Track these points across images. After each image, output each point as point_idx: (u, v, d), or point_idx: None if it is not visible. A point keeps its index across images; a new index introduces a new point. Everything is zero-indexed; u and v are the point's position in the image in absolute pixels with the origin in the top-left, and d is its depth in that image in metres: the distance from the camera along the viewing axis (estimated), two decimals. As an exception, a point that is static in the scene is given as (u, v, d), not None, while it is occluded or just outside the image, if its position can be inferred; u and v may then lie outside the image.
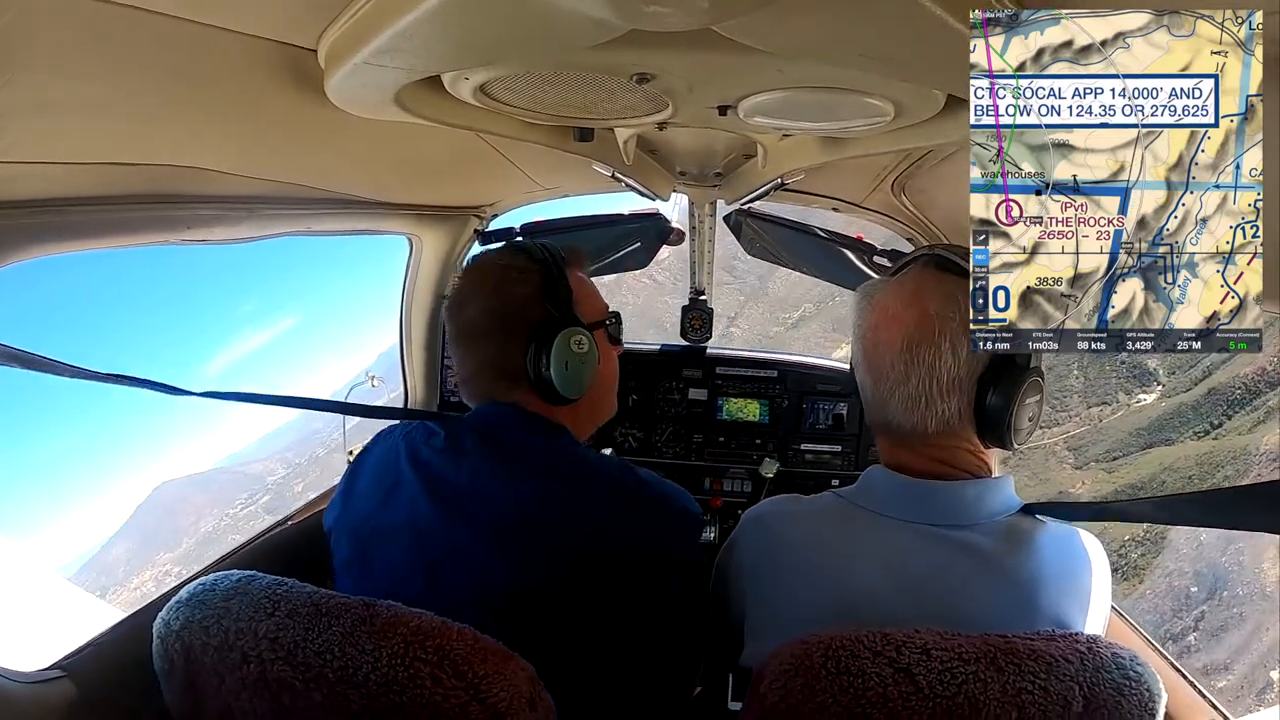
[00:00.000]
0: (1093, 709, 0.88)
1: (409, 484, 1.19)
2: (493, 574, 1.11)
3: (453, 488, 1.17)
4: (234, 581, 0.98)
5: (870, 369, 1.14)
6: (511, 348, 1.23)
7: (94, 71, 0.87)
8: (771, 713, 0.89)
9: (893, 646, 0.88)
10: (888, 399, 1.12)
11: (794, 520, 1.17)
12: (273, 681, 0.90)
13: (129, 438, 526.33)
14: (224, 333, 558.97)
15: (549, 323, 1.23)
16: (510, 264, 1.28)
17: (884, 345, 1.11)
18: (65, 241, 1.10)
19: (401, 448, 1.25)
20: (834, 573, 1.07)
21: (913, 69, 0.89)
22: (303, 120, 1.17)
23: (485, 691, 0.87)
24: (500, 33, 0.82)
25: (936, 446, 1.12)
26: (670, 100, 1.15)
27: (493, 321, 1.25)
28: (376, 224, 1.91)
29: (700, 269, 2.79)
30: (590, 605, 1.12)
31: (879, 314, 1.14)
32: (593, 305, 1.36)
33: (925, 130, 1.19)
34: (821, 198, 2.27)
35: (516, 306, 1.24)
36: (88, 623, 1.36)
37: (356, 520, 1.22)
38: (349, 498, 1.27)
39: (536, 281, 1.26)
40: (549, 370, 1.21)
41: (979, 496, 1.09)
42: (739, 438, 2.72)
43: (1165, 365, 33.20)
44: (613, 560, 1.15)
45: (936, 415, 1.08)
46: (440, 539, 1.14)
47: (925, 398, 1.08)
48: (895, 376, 1.10)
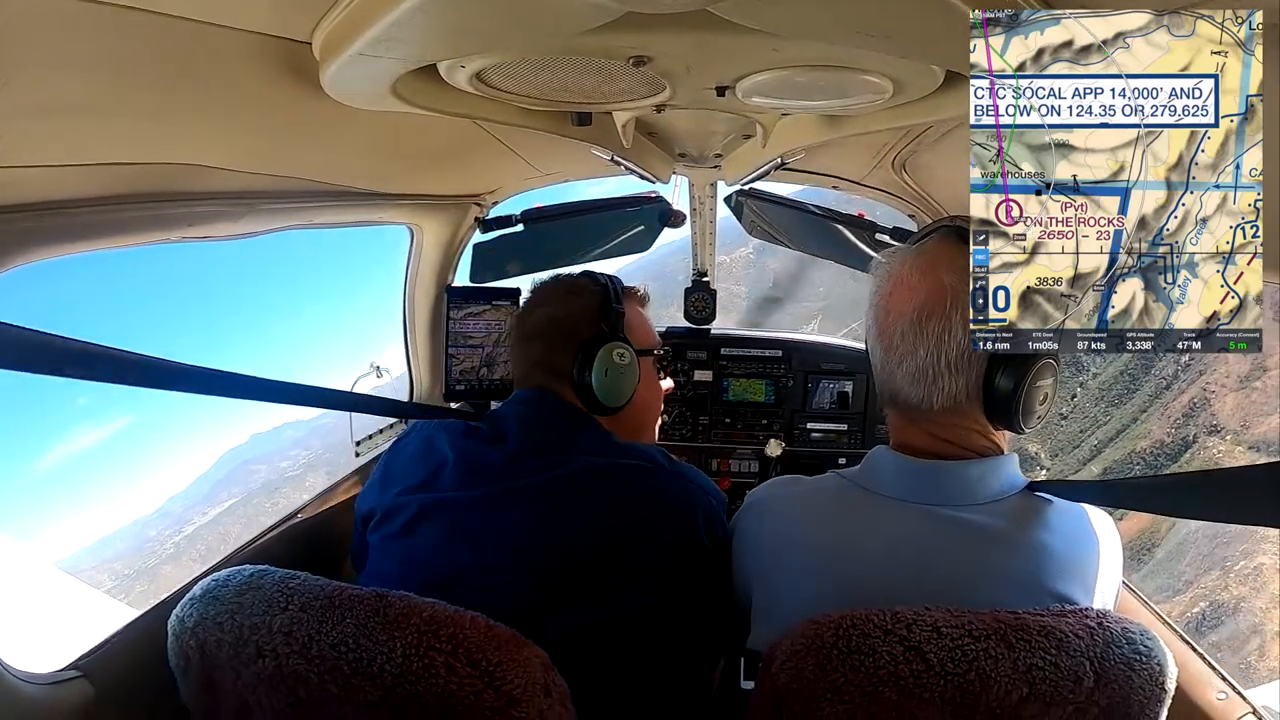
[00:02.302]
0: (1103, 683, 0.89)
1: (452, 467, 1.26)
2: (535, 545, 1.18)
3: (495, 467, 1.25)
4: (246, 576, 0.99)
5: (881, 338, 1.13)
6: (561, 351, 1.37)
7: (89, 72, 0.86)
8: (784, 692, 0.90)
9: (903, 625, 0.89)
10: (895, 370, 1.10)
11: (795, 502, 1.17)
12: (288, 675, 0.91)
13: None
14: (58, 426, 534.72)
15: (598, 337, 1.37)
16: (575, 284, 1.46)
17: (895, 314, 1.10)
18: (66, 244, 1.10)
19: (443, 436, 1.32)
20: (836, 555, 1.08)
21: (911, 45, 0.88)
22: (300, 113, 1.16)
23: (499, 679, 0.87)
24: (495, 19, 0.81)
25: (942, 425, 1.11)
26: (668, 82, 1.14)
27: (549, 326, 1.40)
28: (376, 215, 1.91)
29: (702, 251, 2.78)
30: (624, 574, 1.19)
31: (894, 282, 1.12)
32: (645, 334, 1.51)
33: (924, 106, 1.18)
34: (822, 176, 2.25)
35: (572, 317, 1.39)
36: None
37: (402, 499, 1.27)
38: (388, 480, 1.33)
39: (594, 301, 1.41)
40: (590, 376, 1.34)
41: (982, 476, 1.08)
42: (745, 418, 2.72)
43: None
44: (646, 531, 1.22)
45: (943, 391, 1.07)
46: (484, 515, 1.21)
47: (933, 371, 1.06)
48: (904, 348, 1.08)
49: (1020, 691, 0.86)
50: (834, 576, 1.06)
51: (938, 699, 0.86)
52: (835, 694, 0.87)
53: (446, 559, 1.18)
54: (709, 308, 2.77)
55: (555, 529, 1.19)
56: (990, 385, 1.05)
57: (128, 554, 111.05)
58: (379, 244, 2.09)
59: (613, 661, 1.12)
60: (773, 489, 1.22)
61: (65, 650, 1.08)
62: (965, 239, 1.07)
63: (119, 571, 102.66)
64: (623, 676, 1.16)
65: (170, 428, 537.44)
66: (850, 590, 1.01)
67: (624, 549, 1.20)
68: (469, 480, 1.24)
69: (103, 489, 45.09)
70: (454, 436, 1.31)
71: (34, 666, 1.04)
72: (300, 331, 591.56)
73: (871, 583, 1.02)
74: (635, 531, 1.21)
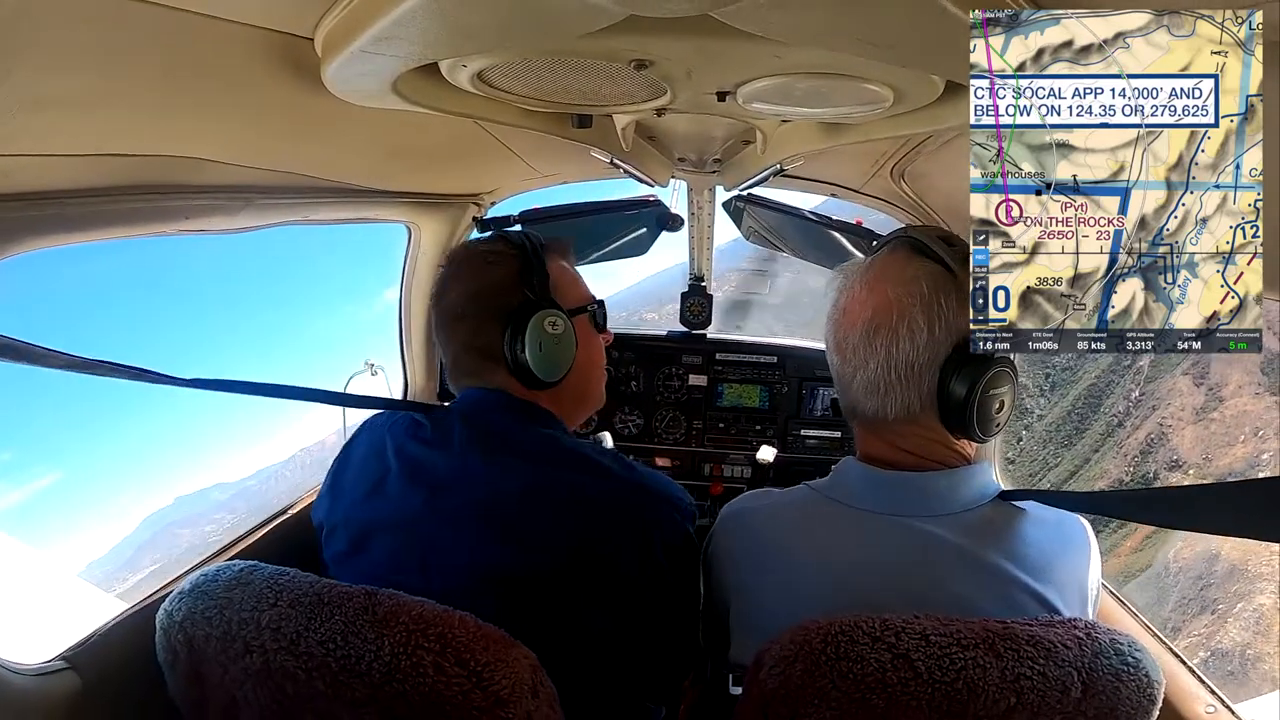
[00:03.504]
0: (1091, 694, 0.89)
1: (396, 477, 1.20)
2: (484, 562, 1.12)
3: (440, 478, 1.18)
4: (236, 572, 0.99)
5: (837, 351, 1.15)
6: (488, 329, 1.25)
7: (90, 63, 0.86)
8: (771, 698, 0.90)
9: (892, 632, 0.89)
10: (851, 382, 1.12)
11: (764, 515, 1.17)
12: (276, 671, 0.91)
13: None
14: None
15: (525, 306, 1.25)
16: (489, 250, 1.31)
17: (846, 328, 1.12)
18: (63, 234, 1.10)
19: (388, 440, 1.25)
20: (806, 567, 1.08)
21: (912, 55, 0.88)
22: (300, 109, 1.16)
23: (487, 679, 0.87)
24: (498, 19, 0.81)
25: (901, 435, 1.12)
26: (669, 86, 1.14)
27: (470, 304, 1.27)
28: (374, 212, 1.90)
29: (699, 255, 2.79)
30: (580, 591, 1.13)
31: (847, 296, 1.14)
32: (574, 292, 1.38)
33: (924, 116, 1.19)
34: (821, 183, 2.26)
35: (493, 290, 1.26)
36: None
37: (348, 513, 1.23)
38: (337, 491, 1.28)
39: (514, 266, 1.28)
40: (524, 353, 1.22)
41: (951, 487, 1.08)
42: (739, 423, 2.73)
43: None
44: (600, 545, 1.15)
45: (896, 402, 1.08)
46: (430, 529, 1.15)
47: (884, 383, 1.08)
48: (856, 360, 1.10)
49: (1008, 701, 0.87)
50: (805, 588, 1.06)
51: (925, 707, 0.86)
52: (822, 700, 0.87)
53: (394, 581, 1.03)
54: (705, 312, 2.78)
55: (499, 556, 1.13)
56: (944, 394, 1.06)
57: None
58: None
59: (572, 681, 1.04)
60: (743, 503, 1.22)
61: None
62: (919, 249, 1.08)
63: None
64: (591, 688, 1.12)
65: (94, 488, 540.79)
66: (821, 603, 1.01)
67: (575, 573, 1.14)
68: (412, 490, 1.18)
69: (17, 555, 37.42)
70: (399, 440, 1.25)
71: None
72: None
73: (842, 594, 1.02)
74: (586, 554, 1.14)
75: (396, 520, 1.17)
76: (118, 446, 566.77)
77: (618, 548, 1.16)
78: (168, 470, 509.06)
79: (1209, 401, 24.92)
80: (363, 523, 1.20)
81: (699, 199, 2.55)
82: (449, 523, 1.15)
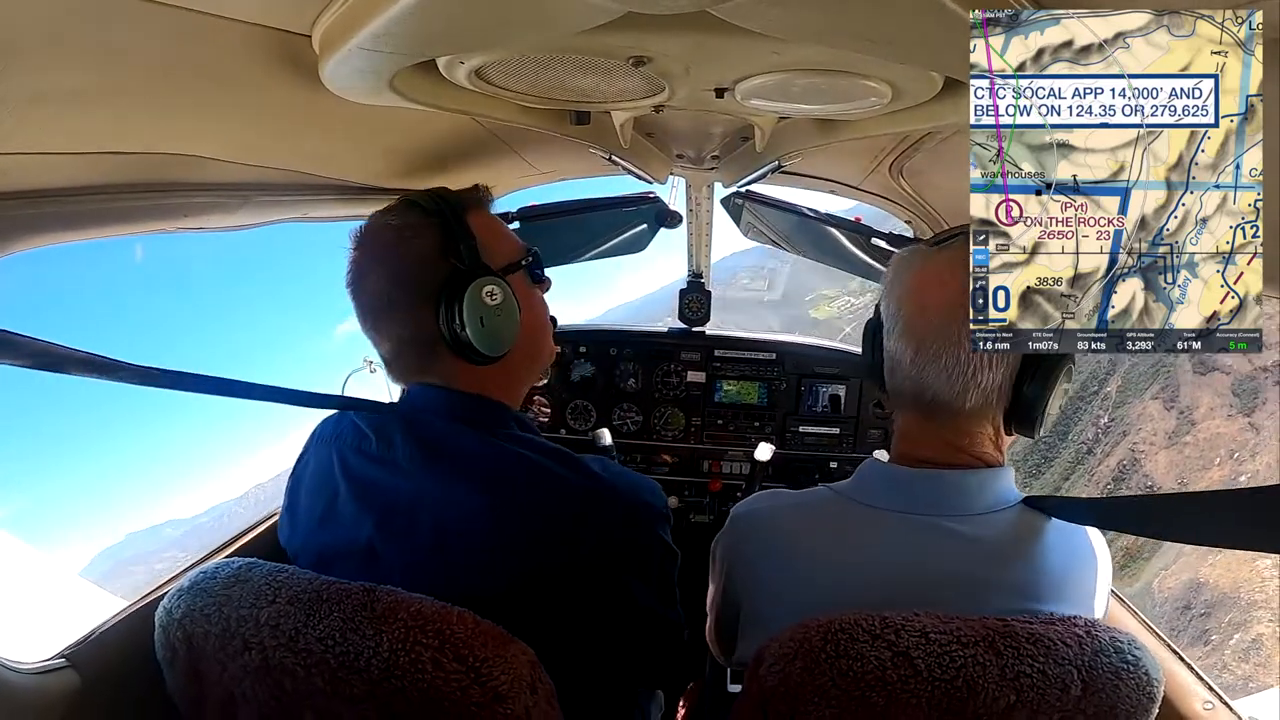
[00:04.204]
0: (1091, 692, 0.89)
1: (345, 499, 1.14)
2: (443, 588, 1.00)
3: (390, 500, 1.11)
4: (234, 569, 0.99)
5: (908, 335, 1.08)
6: (422, 314, 1.13)
7: (88, 61, 0.86)
8: (770, 695, 0.90)
9: (891, 630, 0.89)
10: (927, 367, 1.06)
11: (781, 517, 1.15)
12: (274, 668, 0.91)
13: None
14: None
15: (455, 278, 1.13)
16: (403, 223, 1.17)
17: (931, 309, 1.06)
18: (62, 232, 1.09)
19: (334, 456, 1.18)
20: (826, 567, 1.07)
21: (911, 52, 0.88)
22: (298, 107, 1.16)
23: (486, 675, 0.87)
24: (494, 17, 0.81)
25: (962, 428, 1.09)
26: (667, 83, 1.14)
27: (395, 289, 1.14)
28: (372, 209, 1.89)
29: (698, 252, 2.79)
30: (546, 614, 1.06)
31: (925, 277, 1.09)
32: (504, 247, 1.24)
33: (922, 113, 1.19)
34: (819, 180, 2.26)
35: (417, 268, 1.14)
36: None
37: (305, 540, 1.18)
38: (294, 515, 1.23)
39: (435, 236, 1.15)
40: (465, 331, 1.11)
41: (981, 486, 1.06)
42: (737, 420, 2.73)
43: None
44: (564, 569, 1.08)
45: (979, 387, 1.04)
46: (389, 556, 1.09)
47: (973, 366, 1.03)
48: (939, 343, 1.05)
49: (1007, 699, 0.87)
50: (823, 588, 1.05)
51: (924, 705, 0.86)
52: (821, 698, 0.87)
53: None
54: (704, 308, 2.78)
55: (462, 583, 1.04)
56: (1020, 386, 1.05)
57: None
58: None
59: (565, 681, 1.00)
60: (756, 503, 1.20)
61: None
62: None
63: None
64: (586, 690, 1.10)
65: (44, 523, 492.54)
66: (840, 602, 0.99)
67: (541, 596, 1.07)
68: (363, 514, 1.11)
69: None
70: (343, 454, 1.17)
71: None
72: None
73: (862, 594, 1.01)
74: (550, 576, 1.08)
75: (351, 549, 1.11)
76: (67, 482, 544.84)
77: (582, 572, 1.09)
78: (119, 505, 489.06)
79: (1181, 425, 24.56)
80: (320, 549, 1.15)
81: (697, 195, 2.55)
82: (407, 549, 1.09)
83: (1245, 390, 22.92)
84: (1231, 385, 23.27)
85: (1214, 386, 23.48)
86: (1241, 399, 22.94)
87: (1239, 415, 22.98)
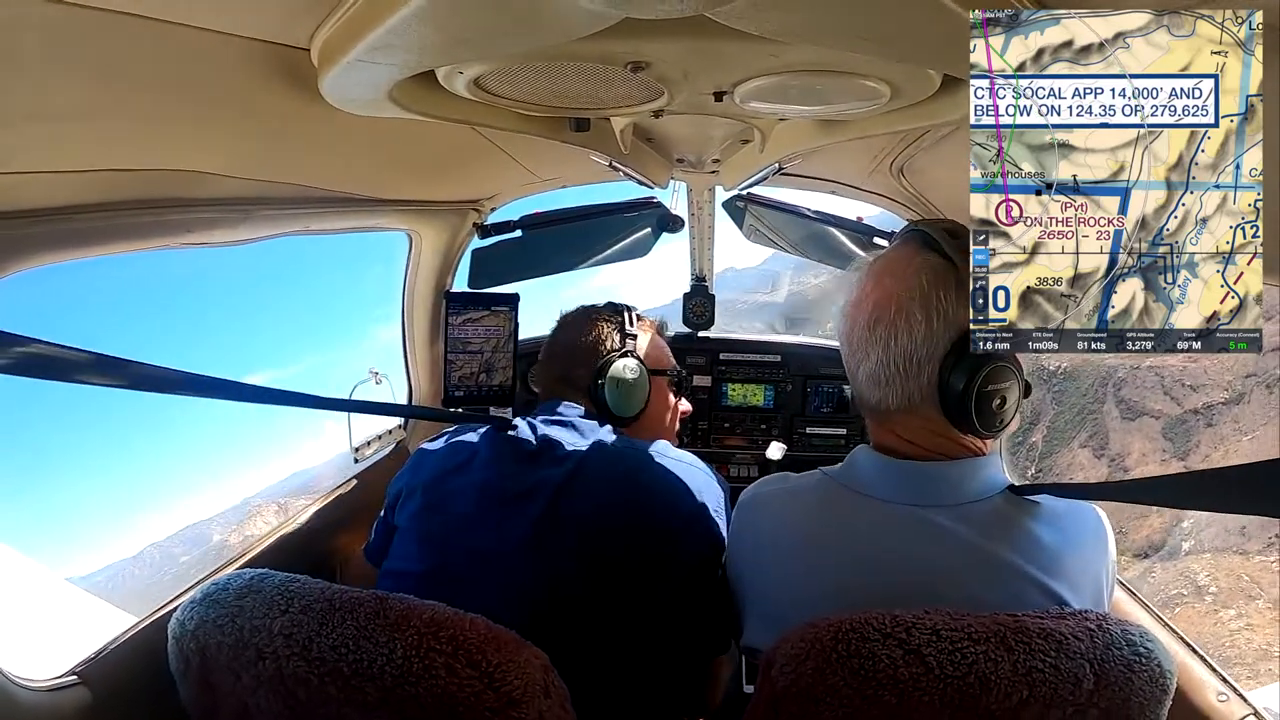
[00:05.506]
0: (1103, 685, 0.89)
1: (482, 453, 1.38)
2: (542, 545, 1.25)
3: (523, 455, 1.36)
4: (247, 580, 0.99)
5: (845, 342, 1.17)
6: (579, 367, 1.56)
7: (87, 78, 0.86)
8: (783, 696, 0.90)
9: (902, 628, 0.89)
10: (856, 372, 1.15)
11: (783, 501, 1.19)
12: (288, 678, 0.91)
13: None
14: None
15: (611, 354, 1.56)
16: (594, 311, 1.65)
17: (852, 320, 1.15)
18: (64, 250, 1.10)
19: (475, 432, 1.45)
20: (821, 552, 1.09)
21: (909, 50, 0.88)
22: (298, 120, 1.16)
23: (499, 680, 0.87)
24: (492, 25, 0.81)
25: (902, 425, 1.13)
26: (665, 88, 1.15)
27: (571, 347, 1.59)
28: (375, 221, 1.91)
29: (700, 256, 2.79)
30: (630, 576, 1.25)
31: (857, 289, 1.16)
32: (658, 357, 1.68)
33: (921, 110, 1.19)
34: (821, 181, 2.26)
35: (590, 339, 1.59)
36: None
37: (431, 478, 1.38)
38: (419, 467, 1.43)
39: (611, 327, 1.61)
40: (603, 390, 1.52)
41: (960, 477, 1.09)
42: (744, 423, 2.73)
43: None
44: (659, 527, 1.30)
45: (896, 393, 1.10)
46: (506, 504, 1.30)
47: (885, 375, 1.10)
48: (860, 353, 1.12)
49: (1020, 694, 0.86)
50: (819, 574, 1.07)
51: (937, 702, 0.86)
52: (834, 697, 0.87)
53: (465, 538, 1.28)
54: (708, 313, 2.78)
55: (563, 529, 1.26)
56: (943, 387, 1.07)
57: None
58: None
59: (610, 663, 1.15)
60: (762, 487, 1.24)
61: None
62: (926, 243, 1.09)
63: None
64: (619, 677, 1.19)
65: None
66: (836, 588, 1.03)
67: (632, 549, 1.26)
68: (498, 464, 1.35)
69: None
70: (487, 431, 1.43)
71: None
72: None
73: (854, 581, 1.04)
74: (645, 531, 1.29)
75: (483, 486, 1.33)
76: (39, 511, 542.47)
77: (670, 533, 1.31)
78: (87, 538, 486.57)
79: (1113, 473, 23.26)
80: (448, 484, 1.36)
81: (699, 199, 2.55)
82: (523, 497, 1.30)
83: (1177, 434, 22.23)
84: (1162, 429, 22.65)
85: (1144, 431, 22.95)
86: (1174, 442, 22.23)
87: (1173, 459, 22.11)
